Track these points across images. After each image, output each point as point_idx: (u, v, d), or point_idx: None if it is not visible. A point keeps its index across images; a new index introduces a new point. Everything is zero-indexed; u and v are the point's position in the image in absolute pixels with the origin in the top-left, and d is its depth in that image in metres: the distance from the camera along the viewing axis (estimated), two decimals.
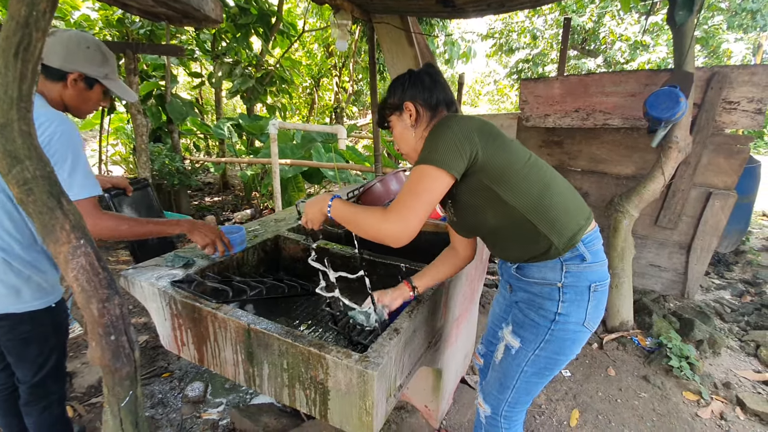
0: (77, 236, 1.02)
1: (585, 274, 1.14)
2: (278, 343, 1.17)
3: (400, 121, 1.24)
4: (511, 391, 1.29)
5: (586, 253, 1.13)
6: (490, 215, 1.14)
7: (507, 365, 1.27)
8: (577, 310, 1.15)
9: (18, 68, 0.94)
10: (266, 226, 2.04)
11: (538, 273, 1.17)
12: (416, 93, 1.20)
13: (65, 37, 1.30)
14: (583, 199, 1.21)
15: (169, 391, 2.22)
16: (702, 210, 2.66)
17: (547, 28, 10.83)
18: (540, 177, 1.12)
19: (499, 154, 1.08)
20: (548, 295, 1.16)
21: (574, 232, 1.12)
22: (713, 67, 2.43)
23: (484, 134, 1.08)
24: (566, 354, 1.21)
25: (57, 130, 1.19)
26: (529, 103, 2.97)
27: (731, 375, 2.40)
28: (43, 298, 1.35)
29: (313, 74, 9.91)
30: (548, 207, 1.11)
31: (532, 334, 1.20)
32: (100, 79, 1.36)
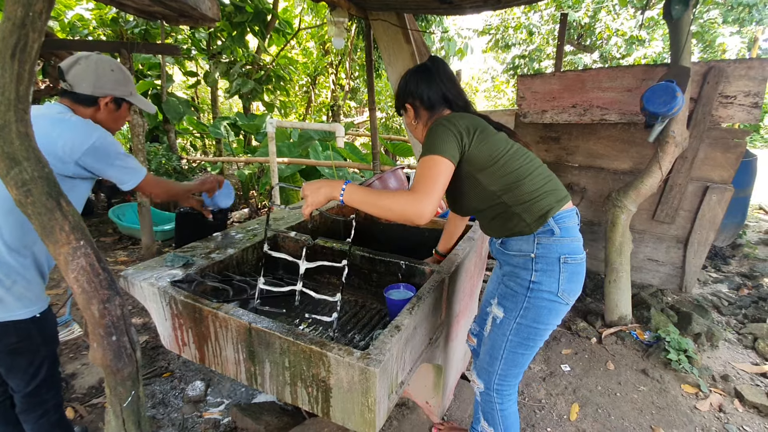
0: (77, 237, 1.02)
1: (554, 247, 1.26)
2: (280, 341, 1.17)
3: (406, 117, 1.49)
4: (500, 362, 1.39)
5: (556, 228, 1.26)
6: (473, 198, 1.34)
7: (494, 336, 1.40)
8: (549, 279, 1.27)
9: (15, 69, 0.94)
10: (265, 224, 2.04)
11: (516, 245, 1.32)
12: (415, 93, 1.40)
13: (92, 64, 1.37)
14: (561, 185, 1.35)
15: (169, 390, 2.22)
16: (699, 204, 2.67)
17: (543, 24, 10.82)
18: (517, 166, 1.28)
19: (482, 146, 1.26)
20: (523, 264, 1.30)
21: (544, 212, 1.26)
22: (710, 62, 2.43)
23: (471, 130, 1.26)
24: (544, 323, 1.31)
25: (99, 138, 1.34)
26: (526, 99, 2.97)
27: (729, 368, 2.41)
28: (27, 307, 1.31)
29: (309, 72, 9.87)
30: (521, 191, 1.27)
31: (512, 302, 1.33)
32: (126, 98, 1.46)
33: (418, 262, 1.66)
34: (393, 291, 1.58)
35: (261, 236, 1.87)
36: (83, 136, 1.30)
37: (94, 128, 1.34)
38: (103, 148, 1.34)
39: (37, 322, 1.35)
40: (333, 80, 10.17)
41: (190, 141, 8.64)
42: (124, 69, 1.47)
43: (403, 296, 1.54)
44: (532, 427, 1.96)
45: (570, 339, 2.66)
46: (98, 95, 1.38)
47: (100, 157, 1.34)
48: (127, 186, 1.45)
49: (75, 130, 1.30)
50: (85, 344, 2.56)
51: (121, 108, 1.48)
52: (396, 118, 10.27)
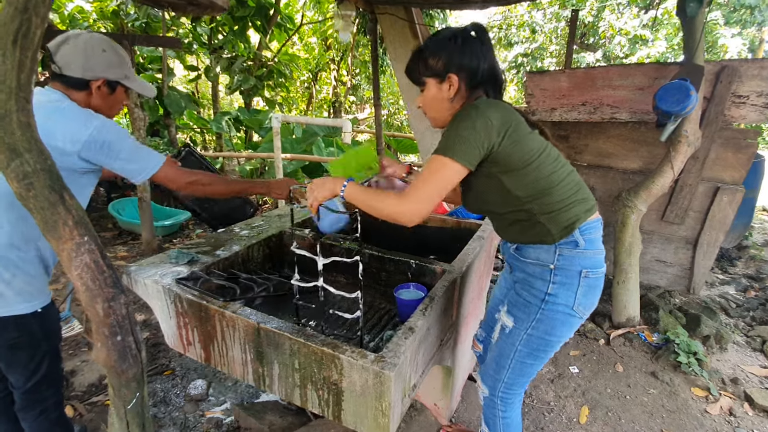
0: (80, 233, 0.98)
1: (577, 259, 1.18)
2: (290, 342, 1.14)
3: (437, 89, 1.19)
4: (507, 371, 1.33)
5: (581, 239, 1.18)
6: (494, 200, 1.21)
7: (502, 345, 1.32)
8: (566, 292, 1.19)
9: (17, 56, 0.89)
10: (270, 221, 2.00)
11: (533, 253, 1.22)
12: (464, 64, 1.14)
13: (81, 43, 1.25)
14: (590, 193, 1.24)
15: (171, 389, 2.18)
16: (709, 205, 2.64)
17: (546, 22, 10.76)
18: (549, 171, 1.15)
19: (513, 148, 1.11)
20: (540, 275, 1.21)
21: (571, 223, 1.17)
22: (722, 61, 2.40)
23: (504, 128, 1.09)
24: (557, 335, 1.24)
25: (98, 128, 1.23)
26: (535, 97, 2.92)
27: (738, 371, 2.39)
28: (29, 301, 1.27)
29: (311, 68, 9.81)
30: (549, 199, 1.15)
31: (524, 313, 1.25)
32: (121, 81, 1.34)
33: (428, 261, 1.62)
34: (403, 291, 1.54)
35: (267, 234, 1.82)
36: (80, 125, 1.20)
37: (91, 117, 1.22)
38: (103, 138, 1.22)
39: (38, 317, 1.31)
40: (335, 76, 10.10)
41: (189, 136, 8.57)
42: (119, 49, 1.33)
43: (414, 296, 1.51)
44: (542, 430, 1.93)
45: (578, 340, 2.63)
46: (89, 78, 1.25)
47: (101, 148, 1.22)
48: (139, 179, 1.32)
49: (71, 120, 1.20)
50: (85, 341, 2.52)
51: (116, 92, 1.35)
52: (398, 114, 10.20)
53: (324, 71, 10.29)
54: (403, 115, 10.29)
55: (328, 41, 9.47)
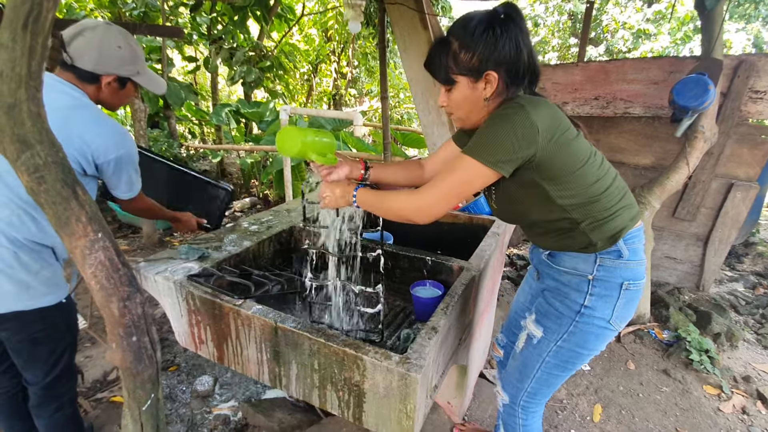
0: (94, 229, 0.93)
1: (619, 271, 1.10)
2: (309, 342, 1.10)
3: (471, 89, 1.04)
4: (531, 381, 1.27)
5: (624, 249, 1.09)
6: (533, 209, 1.11)
7: (528, 354, 1.25)
8: (604, 305, 1.11)
9: (27, 42, 0.84)
10: (279, 216, 1.96)
11: (570, 262, 1.14)
12: (505, 57, 0.98)
13: (97, 37, 1.23)
14: (634, 199, 1.15)
15: (176, 385, 2.15)
16: (722, 201, 2.61)
17: (548, 15, 10.66)
18: (595, 178, 1.05)
19: (558, 153, 0.99)
20: (576, 286, 1.13)
21: (616, 232, 1.08)
22: (741, 55, 2.35)
23: (549, 132, 0.96)
24: (589, 349, 1.17)
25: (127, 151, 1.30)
26: (546, 90, 2.88)
27: (750, 368, 2.38)
28: (54, 293, 1.27)
29: (311, 60, 9.69)
30: (596, 207, 1.06)
31: (555, 324, 1.17)
32: (132, 77, 1.34)
33: (445, 258, 1.59)
34: (419, 288, 1.51)
35: (277, 229, 1.78)
36: (113, 144, 1.25)
37: (125, 140, 1.29)
38: (127, 160, 1.30)
39: (61, 309, 1.30)
40: (335, 68, 9.99)
41: (188, 128, 8.47)
42: (134, 45, 1.32)
43: (431, 294, 1.47)
44: (555, 428, 1.91)
45: None
46: (100, 73, 1.26)
47: (119, 166, 1.29)
48: (122, 196, 1.39)
49: (108, 135, 1.25)
50: (88, 336, 2.48)
51: (126, 87, 1.36)
52: (399, 108, 10.12)
53: (324, 63, 10.16)
54: (403, 108, 10.21)
55: (328, 32, 9.35)
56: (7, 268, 1.17)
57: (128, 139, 1.31)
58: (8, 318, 1.21)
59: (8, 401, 1.44)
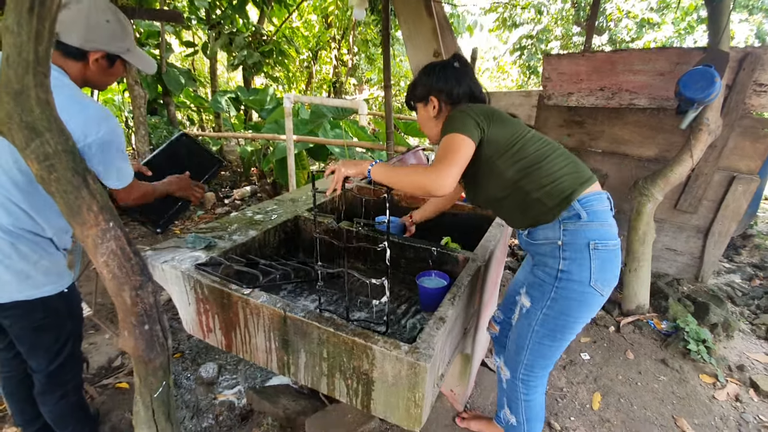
0: (106, 218, 0.93)
1: (582, 232, 1.20)
2: (318, 331, 1.11)
3: (424, 110, 1.43)
4: (526, 352, 1.36)
5: (582, 211, 1.20)
6: (491, 186, 1.31)
7: (520, 326, 1.36)
8: (579, 268, 1.20)
9: (33, 26, 0.82)
10: (283, 205, 1.95)
11: (542, 234, 1.27)
12: (442, 88, 1.37)
13: (84, 10, 1.15)
14: (585, 167, 1.30)
15: (181, 372, 2.17)
16: (724, 194, 2.62)
17: (552, 2, 10.51)
18: (534, 149, 1.25)
19: (499, 130, 1.26)
20: (551, 253, 1.25)
21: (566, 194, 1.21)
22: (746, 47, 2.34)
23: (488, 115, 1.27)
24: (574, 315, 1.25)
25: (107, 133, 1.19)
26: (552, 81, 2.85)
27: (744, 358, 2.42)
28: (55, 282, 1.26)
29: (311, 46, 9.57)
30: (539, 174, 1.23)
31: (539, 292, 1.29)
32: (122, 55, 1.25)
33: (450, 249, 1.59)
34: (425, 278, 1.52)
35: (282, 218, 1.78)
36: (93, 124, 1.14)
37: (105, 119, 1.18)
38: (110, 141, 1.18)
39: (64, 297, 1.30)
40: (335, 56, 9.87)
41: (187, 115, 8.40)
42: (123, 19, 1.24)
43: (437, 284, 1.48)
44: (555, 415, 1.95)
45: (588, 327, 2.64)
46: (88, 49, 1.17)
47: (103, 150, 1.18)
48: (113, 185, 1.28)
49: (86, 115, 1.14)
50: (92, 323, 2.49)
51: (115, 65, 1.26)
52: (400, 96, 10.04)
53: (324, 50, 10.04)
54: (403, 96, 10.14)
55: (329, 18, 9.22)
56: (5, 258, 1.16)
57: (110, 119, 1.19)
58: (9, 307, 1.21)
59: (18, 385, 1.45)
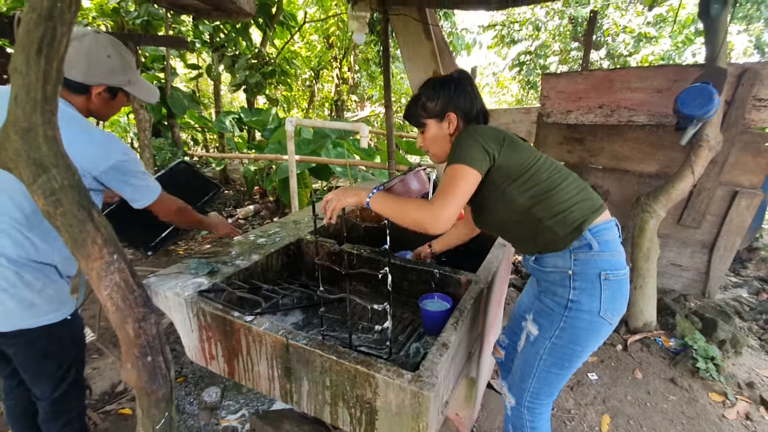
0: (110, 251, 0.94)
1: (593, 262, 1.18)
2: (321, 359, 1.10)
3: (437, 128, 1.34)
4: (532, 380, 1.32)
5: (593, 241, 1.18)
6: (501, 212, 1.27)
7: (527, 353, 1.33)
8: (589, 298, 1.18)
9: (41, 66, 0.85)
10: (286, 228, 1.96)
11: (551, 261, 1.24)
12: (460, 104, 1.31)
13: (85, 47, 1.20)
14: (596, 195, 1.27)
15: (184, 396, 2.15)
16: (727, 209, 2.61)
17: (549, 20, 10.69)
18: (546, 176, 1.22)
19: (510, 156, 1.21)
20: (561, 282, 1.22)
21: (578, 223, 1.19)
22: (744, 63, 2.36)
23: (499, 140, 1.22)
24: (583, 344, 1.23)
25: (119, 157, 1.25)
26: (550, 99, 2.88)
27: (754, 375, 2.37)
28: (59, 310, 1.27)
29: (313, 66, 9.74)
30: (552, 202, 1.20)
31: (548, 321, 1.25)
32: (123, 87, 1.30)
33: (453, 271, 1.59)
34: (428, 301, 1.51)
35: (285, 242, 1.79)
36: (103, 153, 1.21)
37: (113, 147, 1.24)
38: (123, 166, 1.25)
39: (67, 325, 1.31)
40: (337, 74, 10.04)
41: (191, 135, 8.51)
42: (124, 53, 1.29)
43: (440, 307, 1.47)
44: None
45: None
46: (90, 83, 1.23)
47: (118, 175, 1.25)
48: (139, 204, 1.35)
49: (94, 145, 1.20)
50: (95, 348, 2.49)
51: (117, 97, 1.32)
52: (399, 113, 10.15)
53: (326, 69, 10.21)
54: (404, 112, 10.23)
55: (330, 39, 9.40)
56: (9, 287, 1.17)
57: (118, 144, 1.26)
58: (14, 335, 1.22)
59: (22, 413, 1.46)
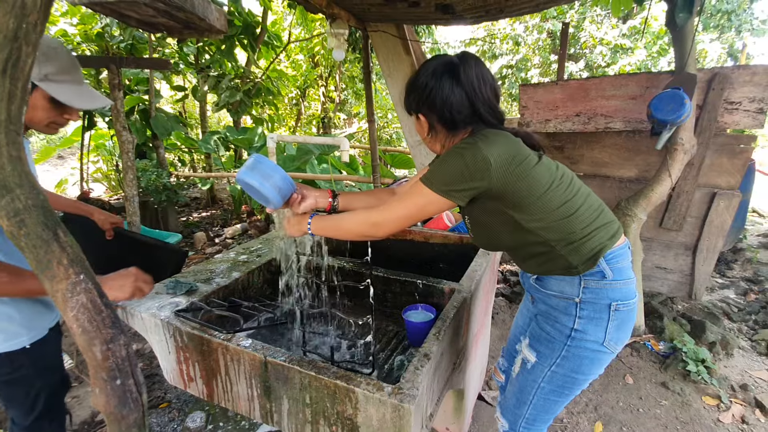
0: (76, 271, 0.92)
1: (605, 292, 1.09)
2: (300, 376, 1.08)
3: (417, 123, 1.20)
4: (528, 408, 1.25)
5: (608, 270, 1.08)
6: (505, 236, 1.13)
7: (523, 380, 1.24)
8: (595, 328, 1.10)
9: (6, 87, 0.84)
10: (269, 244, 1.94)
11: (556, 286, 1.13)
12: (432, 108, 1.10)
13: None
14: (613, 217, 1.15)
15: (167, 422, 2.08)
16: (707, 211, 2.65)
17: (528, 34, 10.98)
18: (563, 200, 1.07)
19: (518, 182, 1.02)
20: (565, 309, 1.12)
21: (594, 252, 1.07)
22: (714, 68, 2.43)
23: (504, 164, 1.00)
24: (585, 373, 1.15)
25: None
26: (529, 109, 2.94)
27: (746, 376, 2.37)
28: (11, 340, 1.20)
29: (299, 85, 9.83)
30: (568, 229, 1.07)
31: (548, 349, 1.17)
32: (36, 83, 1.06)
33: (436, 281, 1.58)
34: (411, 312, 1.50)
35: (266, 258, 1.77)
36: None
37: None
38: None
39: (28, 353, 1.24)
40: (323, 92, 10.13)
41: (177, 156, 8.48)
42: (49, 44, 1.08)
43: (424, 318, 1.46)
44: None
45: None
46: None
47: None
48: None
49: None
50: (74, 375, 2.41)
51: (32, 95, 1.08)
52: (388, 128, 10.24)
53: (312, 88, 10.31)
54: (391, 128, 10.35)
55: (315, 58, 9.52)
56: None
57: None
58: None
59: None
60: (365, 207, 1.40)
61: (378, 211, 1.11)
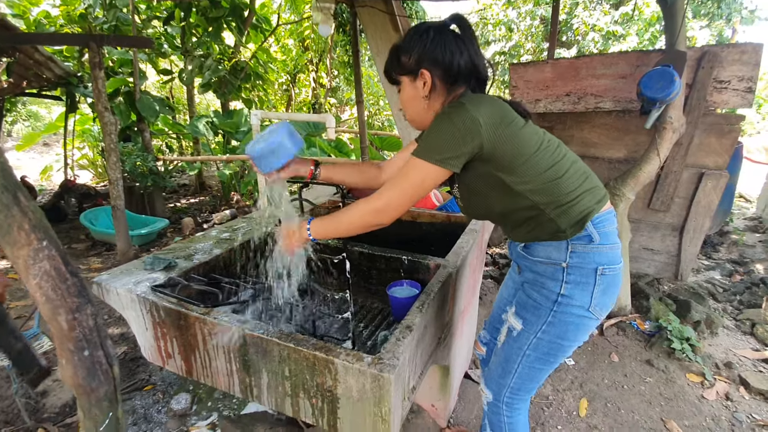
0: (38, 237, 0.87)
1: (592, 256, 1.09)
2: (278, 348, 1.05)
3: (412, 87, 1.14)
4: (513, 377, 1.25)
5: (595, 233, 1.09)
6: (495, 199, 1.13)
7: (509, 348, 1.24)
8: (581, 293, 1.10)
9: None
10: (252, 223, 1.90)
11: (543, 252, 1.14)
12: (437, 59, 1.07)
13: None
14: (600, 182, 1.16)
15: (152, 404, 2.06)
16: (694, 191, 2.65)
17: (521, 20, 10.89)
18: (551, 162, 1.08)
19: (506, 143, 1.03)
20: (552, 275, 1.13)
21: (583, 215, 1.08)
22: (703, 47, 2.41)
23: (492, 124, 1.01)
24: (570, 339, 1.16)
25: None
26: (519, 88, 2.90)
27: (731, 354, 2.40)
28: None
29: (289, 70, 9.66)
30: (555, 192, 1.07)
31: (534, 315, 1.17)
32: None
33: (421, 257, 1.56)
34: (396, 288, 1.48)
35: (248, 235, 1.73)
36: None
37: None
38: None
39: None
40: (314, 78, 9.98)
41: (165, 142, 8.32)
42: None
43: (408, 294, 1.44)
44: (542, 425, 1.89)
45: None
46: None
47: None
48: None
49: None
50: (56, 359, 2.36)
51: None
52: (380, 115, 10.15)
53: (302, 73, 10.15)
54: (383, 115, 10.25)
55: (305, 42, 9.35)
56: None
57: None
58: None
59: None
60: (348, 181, 1.39)
61: (377, 197, 1.08)
